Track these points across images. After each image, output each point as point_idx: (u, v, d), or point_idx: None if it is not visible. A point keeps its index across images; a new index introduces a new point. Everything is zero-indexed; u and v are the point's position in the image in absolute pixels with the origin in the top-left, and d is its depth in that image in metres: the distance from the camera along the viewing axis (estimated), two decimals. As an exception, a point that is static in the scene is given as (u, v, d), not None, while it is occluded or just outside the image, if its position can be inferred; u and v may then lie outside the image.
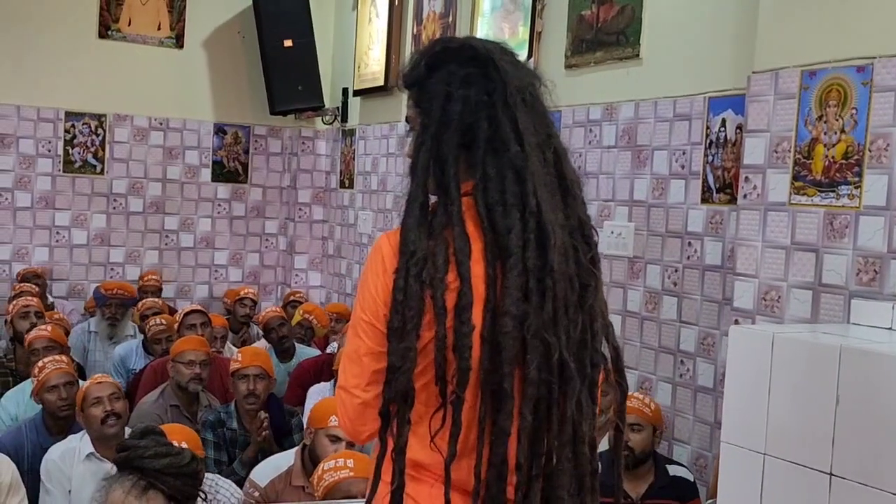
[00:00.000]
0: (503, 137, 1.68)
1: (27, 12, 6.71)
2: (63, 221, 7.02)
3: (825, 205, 2.99)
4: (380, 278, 1.70)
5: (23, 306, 5.32)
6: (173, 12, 7.17)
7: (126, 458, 2.69)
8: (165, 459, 2.68)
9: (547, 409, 1.65)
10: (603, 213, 4.45)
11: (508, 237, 1.63)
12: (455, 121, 1.69)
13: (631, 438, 3.52)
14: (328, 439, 3.42)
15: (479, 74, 1.71)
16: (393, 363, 1.64)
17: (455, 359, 1.62)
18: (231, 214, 7.52)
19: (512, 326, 1.61)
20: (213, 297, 7.43)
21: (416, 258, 1.63)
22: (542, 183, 1.67)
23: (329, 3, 7.44)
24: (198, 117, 7.33)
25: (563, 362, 1.64)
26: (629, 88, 4.32)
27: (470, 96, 1.70)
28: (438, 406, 1.64)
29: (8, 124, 6.80)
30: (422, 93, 1.77)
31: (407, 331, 1.62)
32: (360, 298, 1.74)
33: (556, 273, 1.64)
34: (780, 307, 3.10)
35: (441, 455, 1.64)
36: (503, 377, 1.61)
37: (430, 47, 1.80)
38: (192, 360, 4.44)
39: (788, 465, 2.44)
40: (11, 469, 3.53)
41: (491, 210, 1.66)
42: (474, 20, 5.41)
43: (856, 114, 2.91)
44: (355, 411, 1.74)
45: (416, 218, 1.67)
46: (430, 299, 1.62)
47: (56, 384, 4.00)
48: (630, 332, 4.29)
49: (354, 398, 1.73)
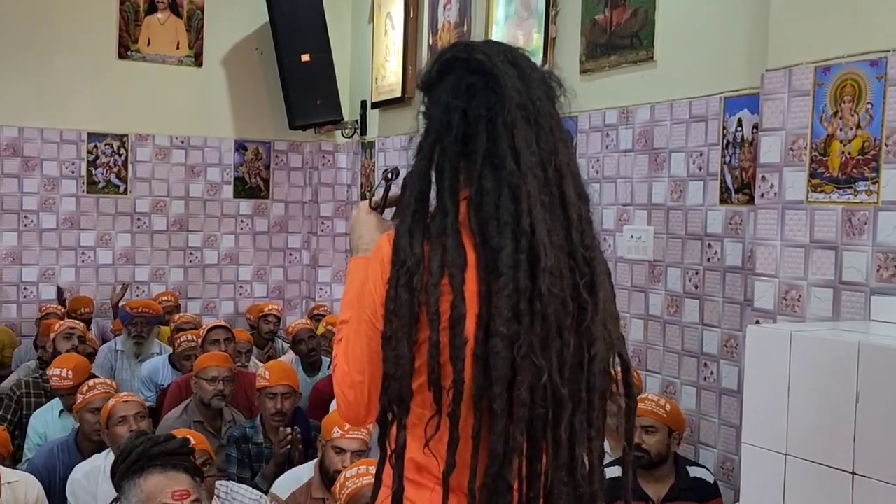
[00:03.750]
0: (500, 154, 1.65)
1: (47, 36, 6.79)
2: (88, 241, 7.08)
3: (843, 201, 2.95)
4: (379, 278, 1.69)
5: (69, 327, 5.36)
6: (191, 31, 7.23)
7: (142, 453, 2.77)
8: (175, 441, 2.85)
9: (543, 432, 1.64)
10: (622, 217, 4.43)
11: (500, 256, 1.61)
12: (455, 131, 1.68)
13: (645, 440, 3.50)
14: (333, 451, 3.46)
15: (482, 86, 1.70)
16: (387, 371, 1.65)
17: (450, 370, 1.61)
18: (254, 230, 7.55)
19: (502, 347, 1.59)
20: (239, 313, 7.46)
21: (407, 266, 1.62)
22: (538, 202, 1.64)
23: (345, 16, 7.47)
24: (218, 134, 7.38)
25: (554, 386, 1.62)
26: (644, 91, 4.30)
27: (470, 108, 1.68)
28: (434, 413, 1.64)
29: (32, 147, 6.87)
30: (430, 99, 1.78)
31: (398, 339, 1.62)
32: (361, 297, 1.74)
33: (545, 296, 1.60)
34: (800, 306, 3.07)
35: (438, 459, 1.64)
36: (494, 397, 1.59)
37: (443, 52, 1.80)
38: (215, 376, 4.46)
39: (810, 465, 2.41)
40: (37, 489, 3.55)
41: (484, 225, 1.64)
42: (489, 28, 5.41)
43: (871, 108, 2.88)
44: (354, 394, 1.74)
45: (407, 225, 1.67)
46: (424, 305, 1.61)
47: (99, 407, 3.98)
48: (652, 336, 4.26)
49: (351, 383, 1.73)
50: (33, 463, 3.99)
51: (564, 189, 1.69)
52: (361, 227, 1.92)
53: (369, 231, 1.90)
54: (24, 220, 6.89)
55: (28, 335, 6.63)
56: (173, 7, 7.18)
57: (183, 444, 2.86)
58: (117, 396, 4.01)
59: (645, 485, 3.55)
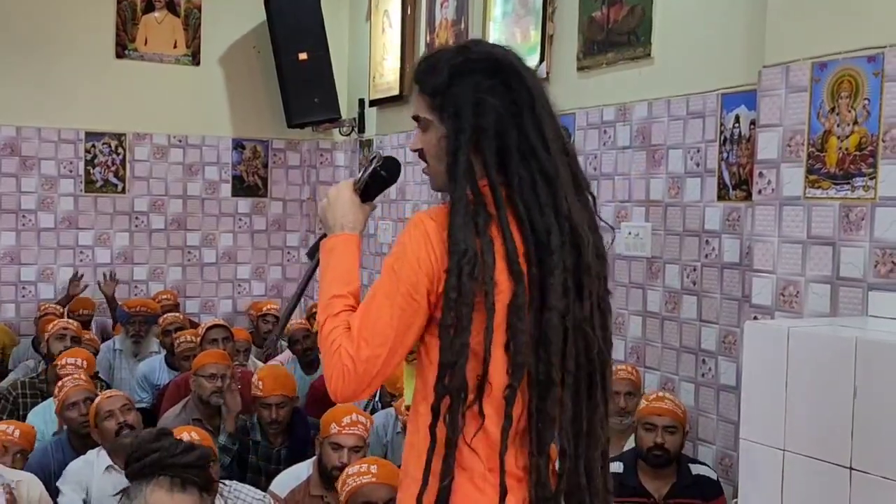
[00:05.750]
0: (532, 144, 1.78)
1: (45, 36, 6.78)
2: (86, 241, 7.07)
3: (840, 197, 2.95)
4: (422, 250, 1.72)
5: (61, 328, 5.36)
6: (189, 30, 7.22)
7: (157, 460, 2.72)
8: (195, 453, 2.78)
9: (588, 395, 1.80)
10: (620, 214, 4.43)
11: (549, 237, 1.74)
12: (491, 128, 1.78)
13: (667, 440, 3.52)
14: (331, 447, 3.46)
15: (501, 84, 1.80)
16: (448, 359, 1.70)
17: (508, 355, 1.72)
18: (252, 229, 7.55)
19: (557, 321, 1.73)
20: (237, 312, 7.46)
21: (468, 257, 1.69)
22: (569, 186, 1.79)
23: (343, 14, 7.47)
24: (216, 133, 7.37)
25: (601, 353, 1.80)
26: (642, 88, 4.30)
27: (499, 105, 1.78)
28: (474, 399, 1.72)
29: (30, 146, 6.86)
30: (445, 99, 1.81)
31: (462, 327, 1.69)
32: (398, 269, 1.74)
33: (592, 272, 1.78)
34: (798, 302, 3.07)
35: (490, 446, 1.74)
36: (550, 367, 1.73)
37: (451, 55, 1.86)
38: (214, 373, 4.46)
39: (808, 461, 2.42)
40: (40, 488, 3.57)
41: (529, 211, 1.76)
42: (486, 26, 5.41)
43: (868, 104, 2.88)
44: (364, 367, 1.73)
45: (462, 217, 1.72)
46: (483, 294, 1.70)
47: (76, 401, 4.05)
48: (651, 333, 4.26)
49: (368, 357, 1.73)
50: (27, 462, 3.99)
51: (577, 171, 1.86)
52: (345, 205, 1.93)
53: (353, 210, 1.93)
54: (22, 220, 6.88)
55: (26, 334, 6.63)
56: (170, 6, 7.17)
57: (200, 457, 2.80)
58: (102, 394, 4.05)
59: (646, 481, 3.56)
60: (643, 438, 3.55)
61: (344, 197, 1.94)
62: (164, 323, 5.95)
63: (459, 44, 1.94)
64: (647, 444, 3.53)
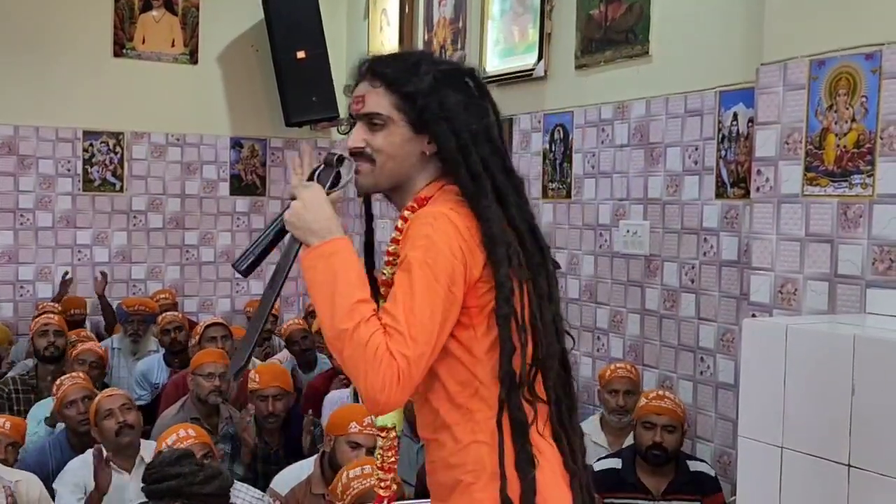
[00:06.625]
0: (504, 152, 1.89)
1: (43, 35, 6.76)
2: (84, 240, 7.06)
3: (838, 195, 2.96)
4: (454, 241, 1.70)
5: (43, 324, 5.36)
6: (186, 28, 7.21)
7: (176, 487, 2.70)
8: (215, 482, 2.76)
9: None
10: (618, 212, 4.43)
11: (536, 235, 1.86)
12: (489, 134, 1.85)
13: (665, 439, 3.53)
14: (349, 446, 3.42)
15: (480, 92, 1.90)
16: (513, 346, 1.74)
17: (556, 341, 1.82)
18: (250, 227, 7.53)
19: (558, 311, 1.86)
20: (236, 311, 7.45)
21: (513, 248, 1.75)
22: (525, 195, 1.90)
23: (341, 13, 7.46)
24: (214, 132, 7.36)
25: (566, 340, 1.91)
26: (640, 86, 4.30)
27: (485, 111, 1.88)
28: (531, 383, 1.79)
29: (27, 145, 6.85)
30: (429, 102, 1.81)
31: (520, 315, 1.74)
32: (431, 262, 1.68)
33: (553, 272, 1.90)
34: (796, 300, 3.07)
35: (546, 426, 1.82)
36: (565, 353, 1.87)
37: (429, 60, 1.90)
38: (212, 372, 4.45)
39: (806, 458, 2.42)
40: (40, 487, 3.58)
41: (521, 210, 1.84)
42: (484, 24, 5.41)
43: (866, 102, 2.88)
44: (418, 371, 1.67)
45: (494, 211, 1.76)
46: (531, 286, 1.78)
47: (74, 399, 4.05)
48: (649, 331, 4.26)
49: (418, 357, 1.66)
50: (25, 461, 3.98)
51: None
52: (326, 208, 1.80)
53: (333, 213, 1.83)
54: (20, 219, 6.86)
55: (25, 333, 6.61)
56: (168, 5, 7.15)
57: (220, 487, 2.77)
58: (102, 392, 4.05)
59: (645, 478, 3.56)
60: (642, 437, 3.56)
61: (321, 199, 1.81)
62: (163, 322, 5.94)
63: (422, 51, 1.98)
64: (645, 442, 3.54)
